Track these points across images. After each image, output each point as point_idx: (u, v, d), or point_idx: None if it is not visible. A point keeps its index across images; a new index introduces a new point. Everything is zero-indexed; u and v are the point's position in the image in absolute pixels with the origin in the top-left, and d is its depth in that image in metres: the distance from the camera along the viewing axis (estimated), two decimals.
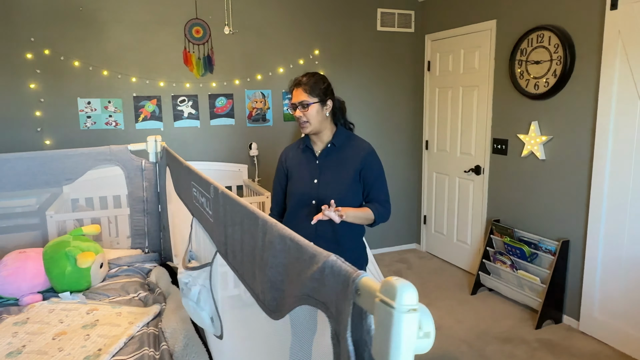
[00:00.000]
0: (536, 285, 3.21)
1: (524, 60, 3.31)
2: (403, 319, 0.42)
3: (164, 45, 3.65)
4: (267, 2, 3.88)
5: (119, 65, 3.55)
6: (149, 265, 2.14)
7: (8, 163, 1.96)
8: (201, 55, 3.74)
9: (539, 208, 3.32)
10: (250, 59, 3.91)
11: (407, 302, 0.43)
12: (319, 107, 1.81)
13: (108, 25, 3.48)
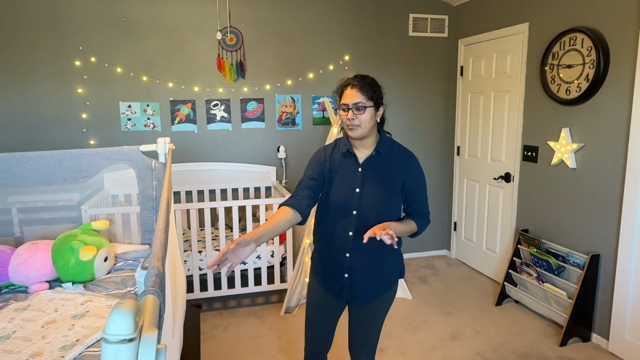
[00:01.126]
0: (563, 300, 2.96)
1: (555, 64, 3.07)
2: (110, 351, 0.37)
3: (198, 52, 3.73)
4: (297, 9, 3.87)
5: (157, 71, 3.67)
6: None
7: (30, 160, 2.06)
8: (234, 62, 3.79)
9: (568, 219, 3.07)
10: (280, 65, 3.91)
11: (117, 330, 0.37)
12: (373, 111, 1.67)
13: (147, 34, 3.61)
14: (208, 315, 3.27)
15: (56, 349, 1.38)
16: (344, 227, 1.69)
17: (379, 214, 1.66)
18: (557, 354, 2.76)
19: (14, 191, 2.46)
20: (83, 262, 1.87)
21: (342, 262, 1.73)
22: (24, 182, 2.08)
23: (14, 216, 2.61)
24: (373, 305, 1.80)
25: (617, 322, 2.71)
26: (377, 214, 1.66)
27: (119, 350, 0.37)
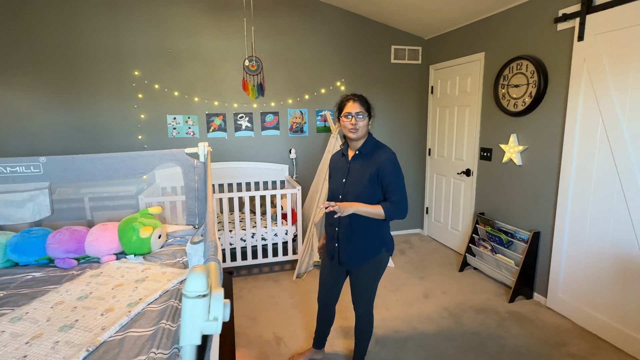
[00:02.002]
0: (511, 267, 2.97)
1: (506, 84, 3.06)
2: (189, 304, 0.38)
3: (227, 76, 3.71)
4: (303, 43, 3.85)
5: (196, 90, 3.65)
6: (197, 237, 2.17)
7: (99, 160, 2.06)
8: (255, 83, 3.77)
9: (515, 204, 3.07)
10: (291, 86, 3.90)
11: (194, 289, 0.38)
12: (367, 120, 1.76)
13: (187, 61, 3.59)
14: (237, 280, 3.28)
15: (124, 306, 1.39)
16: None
17: (357, 198, 1.72)
18: (507, 308, 2.77)
19: (87, 184, 2.45)
20: (142, 239, 1.87)
21: (333, 235, 1.85)
22: (94, 177, 2.08)
23: (85, 204, 2.61)
24: (361, 269, 1.84)
25: (553, 284, 2.72)
26: (356, 197, 1.72)
27: (196, 303, 0.38)
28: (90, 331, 1.23)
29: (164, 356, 1.09)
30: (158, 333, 1.20)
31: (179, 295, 1.46)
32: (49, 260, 1.87)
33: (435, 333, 2.47)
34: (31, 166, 2.00)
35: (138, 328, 1.25)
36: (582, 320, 2.50)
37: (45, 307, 1.39)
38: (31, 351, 1.14)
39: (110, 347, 1.15)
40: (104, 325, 1.26)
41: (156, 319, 1.30)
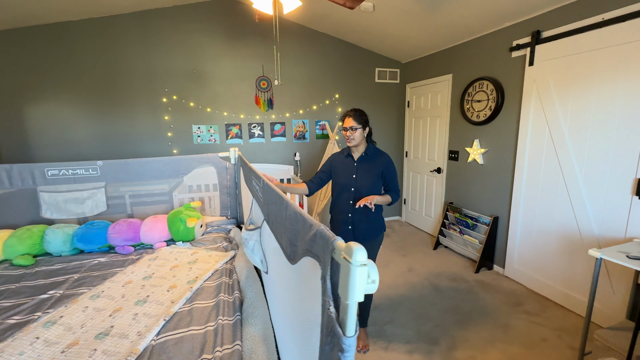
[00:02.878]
0: (475, 245, 3.09)
1: (470, 99, 3.16)
2: (357, 271, 0.41)
3: (242, 92, 3.69)
4: (305, 64, 3.86)
5: (216, 104, 3.62)
6: (230, 226, 2.17)
7: (148, 164, 2.04)
8: (266, 99, 3.76)
9: (478, 195, 3.19)
10: (295, 100, 3.91)
11: (360, 259, 0.42)
12: (362, 130, 1.81)
13: (209, 80, 3.55)
14: None
15: (184, 283, 1.40)
16: (347, 198, 1.83)
17: (369, 189, 1.82)
18: (473, 277, 2.88)
19: (126, 184, 2.42)
20: (189, 228, 1.86)
21: (346, 220, 1.88)
22: (144, 178, 2.05)
23: (126, 200, 2.57)
24: (370, 244, 1.89)
25: (510, 257, 2.85)
26: (368, 188, 1.82)
27: (362, 270, 0.41)
28: (162, 304, 1.23)
29: (229, 321, 1.11)
30: (220, 304, 1.22)
31: (229, 273, 1.48)
32: (110, 247, 1.84)
33: (420, 298, 2.55)
34: (90, 169, 1.96)
35: (201, 300, 1.26)
36: (534, 285, 2.63)
37: (117, 286, 1.38)
38: (116, 322, 1.14)
39: (182, 317, 1.16)
40: (172, 299, 1.26)
41: (214, 293, 1.31)
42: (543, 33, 2.41)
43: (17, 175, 1.87)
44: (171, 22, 3.34)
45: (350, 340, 0.45)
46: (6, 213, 1.88)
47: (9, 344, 1.03)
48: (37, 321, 1.15)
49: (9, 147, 3.07)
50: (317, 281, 0.62)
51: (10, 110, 3.03)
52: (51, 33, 3.03)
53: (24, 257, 1.63)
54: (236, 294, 1.28)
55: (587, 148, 2.19)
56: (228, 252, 1.73)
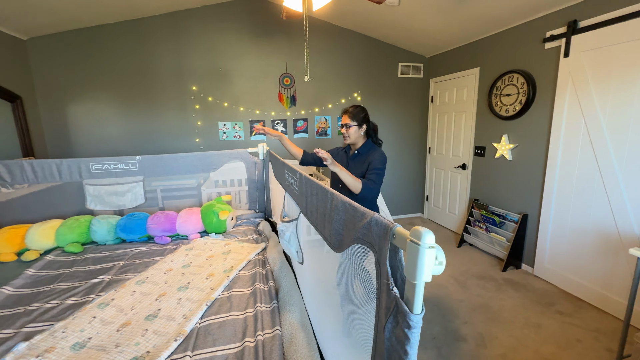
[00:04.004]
0: (503, 243, 3.01)
1: (498, 93, 3.07)
2: (426, 253, 0.43)
3: (266, 89, 3.75)
4: (327, 61, 3.87)
5: (241, 101, 3.69)
6: (258, 219, 2.22)
7: (180, 159, 2.12)
8: (289, 95, 3.80)
9: (507, 192, 3.10)
10: (318, 97, 3.92)
11: (428, 242, 0.43)
12: (357, 128, 1.78)
13: (235, 78, 3.63)
14: None
15: (221, 272, 1.45)
16: (337, 183, 1.79)
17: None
18: (501, 276, 2.82)
19: (158, 178, 2.52)
20: (221, 221, 1.93)
21: None
22: (178, 172, 2.14)
23: (158, 194, 2.68)
24: None
25: (540, 256, 2.76)
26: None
27: (430, 252, 0.43)
28: (202, 291, 1.29)
29: (267, 308, 1.16)
30: (256, 292, 1.26)
31: (261, 264, 1.53)
32: (149, 237, 1.93)
33: (446, 295, 2.52)
34: (129, 163, 2.06)
35: (238, 289, 1.31)
36: (567, 285, 2.54)
37: (160, 273, 1.46)
38: (162, 305, 1.21)
39: (222, 303, 1.22)
40: (211, 286, 1.32)
41: (250, 281, 1.36)
42: (580, 23, 2.30)
43: (66, 169, 2.00)
44: (200, 22, 3.43)
45: (418, 317, 0.47)
46: (56, 204, 2.02)
47: (71, 322, 1.12)
48: (92, 302, 1.24)
49: (53, 143, 3.27)
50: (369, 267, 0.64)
51: (54, 109, 3.23)
52: (91, 36, 3.19)
53: (74, 244, 1.76)
54: (271, 283, 1.32)
55: (628, 143, 2.09)
56: (259, 244, 1.78)
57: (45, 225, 1.81)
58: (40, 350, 0.98)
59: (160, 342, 1.01)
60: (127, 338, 1.04)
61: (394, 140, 4.25)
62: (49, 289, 1.37)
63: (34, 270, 1.54)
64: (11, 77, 2.87)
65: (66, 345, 1.01)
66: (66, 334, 1.06)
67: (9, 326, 1.13)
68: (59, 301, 1.28)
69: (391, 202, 4.42)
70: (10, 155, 2.84)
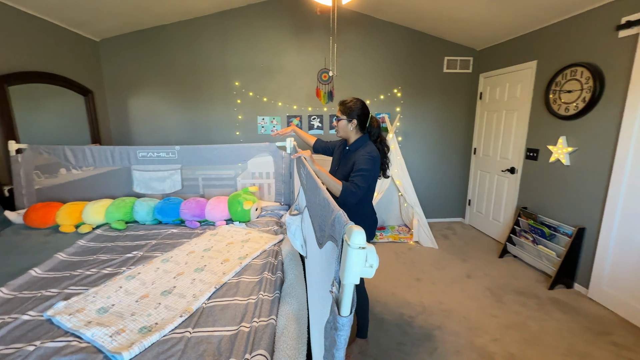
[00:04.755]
0: (552, 258, 2.68)
1: (557, 90, 2.72)
2: (354, 253, 0.39)
3: (304, 85, 3.79)
4: (366, 56, 3.78)
5: (280, 96, 3.79)
6: (282, 212, 2.27)
7: (214, 150, 2.25)
8: (326, 91, 3.80)
9: (561, 201, 2.75)
10: (356, 92, 3.86)
11: (357, 242, 0.40)
12: (345, 122, 1.69)
13: (275, 74, 3.73)
14: None
15: (236, 258, 1.52)
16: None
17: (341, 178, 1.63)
18: (547, 294, 2.52)
19: (201, 168, 2.70)
20: (245, 210, 2.01)
21: None
22: (212, 162, 2.27)
23: (199, 182, 2.87)
24: None
25: (597, 276, 2.41)
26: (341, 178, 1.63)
27: (359, 253, 0.41)
28: (215, 274, 1.36)
29: (269, 297, 1.18)
30: (263, 281, 1.30)
31: (275, 255, 1.56)
32: (181, 221, 2.09)
33: (477, 308, 2.33)
34: (170, 152, 2.25)
35: (248, 276, 1.36)
36: (628, 314, 2.19)
37: (183, 254, 1.57)
38: (178, 283, 1.30)
39: (230, 287, 1.27)
40: (224, 271, 1.39)
41: (259, 270, 1.40)
42: None
43: (117, 155, 2.26)
44: (244, 20, 3.58)
45: (344, 320, 0.44)
46: (109, 186, 2.29)
47: (101, 289, 1.27)
48: (122, 274, 1.38)
49: (117, 132, 3.70)
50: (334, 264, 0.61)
51: (119, 102, 3.64)
52: (151, 36, 3.53)
53: (119, 222, 1.98)
54: (278, 274, 1.35)
55: None
56: (277, 235, 1.82)
57: (98, 203, 2.06)
58: (72, 310, 1.13)
59: (168, 316, 1.09)
60: (142, 309, 1.14)
61: (436, 139, 4.02)
62: (92, 259, 1.56)
63: (84, 242, 1.77)
64: (85, 74, 3.30)
65: (93, 309, 1.15)
66: (95, 299, 1.20)
67: (56, 286, 1.31)
68: (96, 270, 1.45)
69: (429, 204, 4.20)
70: (81, 141, 3.28)
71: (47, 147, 2.26)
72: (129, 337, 0.99)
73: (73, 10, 2.74)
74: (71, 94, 3.09)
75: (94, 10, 2.82)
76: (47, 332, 1.04)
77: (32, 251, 1.64)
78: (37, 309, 1.16)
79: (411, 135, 4.03)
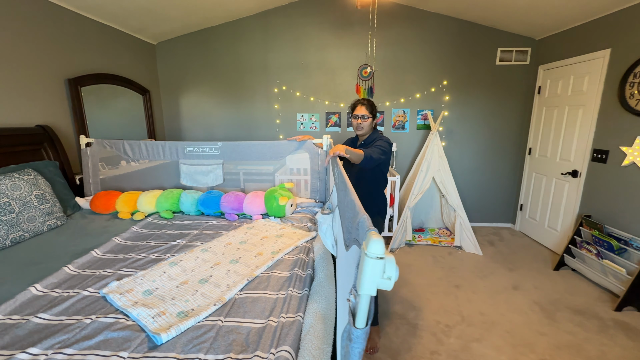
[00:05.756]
0: (621, 275, 2.35)
1: (636, 82, 2.36)
2: (371, 263, 0.37)
3: (344, 81, 3.75)
4: (408, 49, 3.61)
5: (319, 94, 3.80)
6: (317, 209, 2.27)
7: (253, 147, 2.32)
8: (366, 87, 3.72)
9: (634, 211, 2.39)
10: (397, 88, 3.73)
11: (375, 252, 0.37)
12: (371, 120, 1.86)
13: (314, 71, 3.74)
14: None
15: (269, 252, 1.56)
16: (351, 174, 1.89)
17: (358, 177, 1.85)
18: (611, 316, 2.22)
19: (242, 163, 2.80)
20: (280, 206, 2.05)
21: None
22: (251, 158, 2.35)
23: (240, 177, 2.99)
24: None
25: None
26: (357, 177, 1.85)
27: (375, 263, 0.39)
28: (249, 267, 1.42)
29: (297, 294, 1.19)
30: (293, 277, 1.31)
31: (307, 251, 1.57)
32: (221, 213, 2.20)
33: (523, 323, 2.13)
34: (213, 147, 2.38)
35: (279, 271, 1.39)
36: None
37: (220, 245, 1.65)
38: (214, 273, 1.37)
39: (261, 281, 1.31)
40: (257, 264, 1.44)
41: (291, 266, 1.42)
42: None
43: (168, 150, 2.45)
44: (285, 19, 3.64)
45: (359, 332, 0.42)
46: (159, 177, 2.50)
47: (148, 272, 1.39)
48: (166, 260, 1.50)
49: (170, 128, 4.01)
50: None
51: (171, 101, 3.94)
52: (200, 38, 3.75)
53: (167, 212, 2.15)
54: (309, 271, 1.35)
55: None
56: (310, 232, 1.83)
57: (150, 194, 2.25)
58: (123, 290, 1.25)
59: (204, 303, 1.16)
60: (181, 294, 1.22)
61: (484, 138, 3.74)
62: (142, 244, 1.71)
63: (137, 228, 1.94)
64: (144, 75, 3.61)
65: (140, 290, 1.26)
66: (143, 282, 1.32)
67: (111, 267, 1.47)
68: (145, 254, 1.59)
69: (475, 207, 3.93)
70: (139, 136, 3.61)
71: (110, 141, 2.52)
72: (168, 320, 1.07)
73: (134, 17, 3.01)
74: (131, 93, 3.40)
75: (152, 15, 3.07)
76: (102, 308, 1.16)
77: (95, 234, 1.85)
78: (95, 286, 1.30)
79: (456, 133, 3.79)
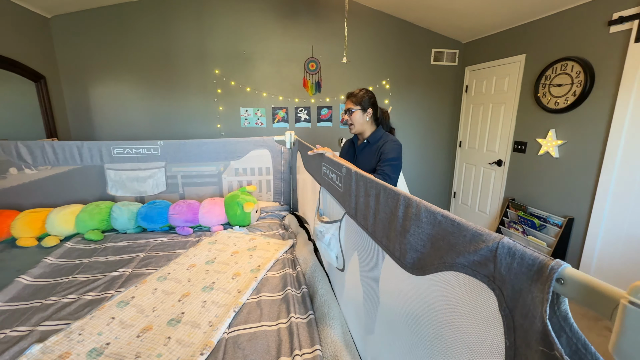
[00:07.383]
0: (542, 248, 2.77)
1: (547, 83, 2.78)
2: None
3: (290, 74, 3.57)
4: (353, 47, 3.63)
5: (264, 87, 3.54)
6: (284, 212, 2.09)
7: (204, 145, 2.00)
8: (314, 81, 3.61)
9: (550, 193, 2.84)
10: (343, 83, 3.72)
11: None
12: (361, 113, 1.58)
13: (258, 62, 3.46)
14: None
15: (248, 271, 1.33)
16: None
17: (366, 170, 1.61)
18: None
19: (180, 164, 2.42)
20: (245, 213, 1.81)
21: None
22: (201, 159, 2.02)
23: (178, 180, 2.59)
24: None
25: (585, 266, 2.52)
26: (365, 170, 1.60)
27: None
28: (229, 293, 1.17)
29: (303, 320, 1.02)
30: (288, 299, 1.13)
31: (291, 264, 1.39)
32: (170, 227, 1.84)
33: None
34: (151, 148, 1.96)
35: (268, 293, 1.18)
36: None
37: (182, 269, 1.35)
38: (185, 308, 1.09)
39: (251, 309, 1.09)
40: (238, 288, 1.20)
41: (280, 284, 1.23)
42: None
43: (87, 152, 1.92)
44: (225, 2, 3.26)
45: None
46: (77, 188, 1.95)
47: (88, 322, 1.03)
48: (111, 300, 1.14)
49: (76, 125, 3.23)
50: (480, 310, 0.48)
51: (78, 90, 3.17)
52: (114, 14, 3.09)
53: (94, 232, 1.68)
54: (304, 289, 1.19)
55: None
56: (286, 240, 1.65)
57: (66, 210, 1.74)
58: (54, 356, 0.89)
59: (185, 354, 0.89)
60: (148, 347, 0.93)
61: (421, 132, 4.01)
62: (67, 281, 1.29)
63: (52, 259, 1.47)
64: (35, 56, 2.81)
65: (82, 351, 0.91)
66: (83, 337, 0.96)
67: (24, 322, 1.05)
68: (76, 296, 1.19)
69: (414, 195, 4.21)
70: (33, 135, 2.81)
71: None
72: None
73: None
74: (18, 79, 2.61)
75: None
76: None
77: None
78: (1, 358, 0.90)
79: (398, 128, 3.99)
